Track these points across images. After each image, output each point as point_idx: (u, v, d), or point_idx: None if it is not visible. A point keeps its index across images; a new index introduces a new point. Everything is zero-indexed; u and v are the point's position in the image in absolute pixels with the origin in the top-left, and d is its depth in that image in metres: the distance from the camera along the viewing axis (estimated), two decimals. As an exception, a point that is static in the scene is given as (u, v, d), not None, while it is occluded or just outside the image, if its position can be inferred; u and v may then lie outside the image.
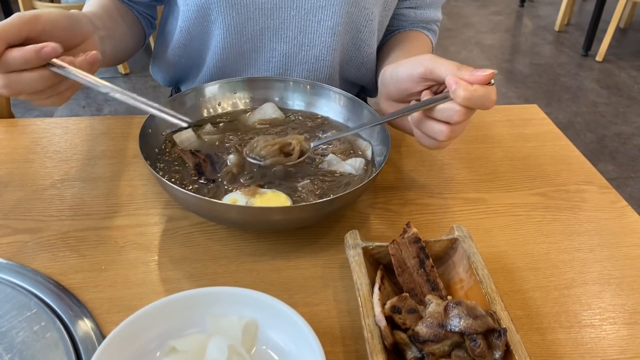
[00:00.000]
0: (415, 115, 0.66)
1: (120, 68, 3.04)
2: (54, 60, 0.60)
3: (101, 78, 0.62)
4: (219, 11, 0.82)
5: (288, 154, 0.69)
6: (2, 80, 0.59)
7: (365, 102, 0.96)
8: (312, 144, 0.71)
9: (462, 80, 0.60)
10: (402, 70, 0.68)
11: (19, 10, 2.84)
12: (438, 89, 0.67)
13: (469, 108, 0.61)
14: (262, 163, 0.68)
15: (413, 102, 0.69)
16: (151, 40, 2.51)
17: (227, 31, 0.84)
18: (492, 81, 0.61)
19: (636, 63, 3.43)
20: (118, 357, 0.48)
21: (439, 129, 0.64)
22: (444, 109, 0.62)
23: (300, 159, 0.69)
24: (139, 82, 3.00)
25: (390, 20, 0.93)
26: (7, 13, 2.97)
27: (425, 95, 0.66)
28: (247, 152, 0.70)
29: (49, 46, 0.59)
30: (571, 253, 0.67)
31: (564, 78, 3.25)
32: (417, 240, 0.57)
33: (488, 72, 0.60)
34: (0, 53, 0.57)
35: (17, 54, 0.58)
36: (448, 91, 0.61)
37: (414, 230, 0.57)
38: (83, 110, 2.73)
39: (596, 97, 3.05)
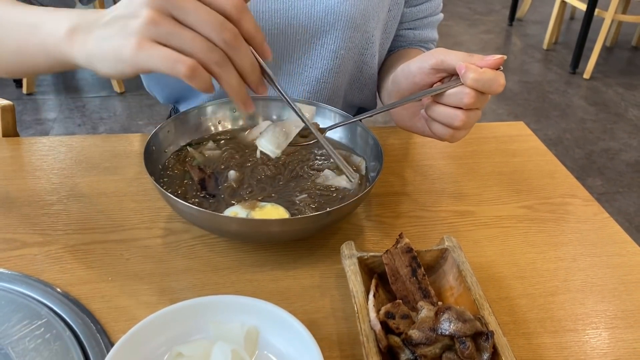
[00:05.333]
0: (427, 103, 0.68)
1: (116, 87, 3.07)
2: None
3: (94, 97, 0.59)
4: None
5: (303, 136, 0.70)
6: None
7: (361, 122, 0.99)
8: (325, 128, 0.72)
9: (472, 64, 0.62)
10: (414, 64, 0.69)
11: None
12: (449, 80, 0.67)
13: (479, 92, 0.63)
14: None
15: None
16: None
17: None
18: (501, 67, 0.64)
19: (622, 80, 3.51)
20: (127, 361, 0.50)
21: (453, 113, 0.65)
22: (455, 92, 0.64)
23: (314, 141, 0.70)
24: (134, 100, 3.03)
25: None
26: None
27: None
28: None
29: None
30: (556, 262, 0.70)
31: (552, 95, 3.32)
32: (409, 250, 0.60)
33: (497, 57, 0.63)
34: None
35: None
36: (458, 79, 0.63)
37: (406, 240, 0.61)
38: (79, 129, 2.76)
39: (584, 113, 3.11)
